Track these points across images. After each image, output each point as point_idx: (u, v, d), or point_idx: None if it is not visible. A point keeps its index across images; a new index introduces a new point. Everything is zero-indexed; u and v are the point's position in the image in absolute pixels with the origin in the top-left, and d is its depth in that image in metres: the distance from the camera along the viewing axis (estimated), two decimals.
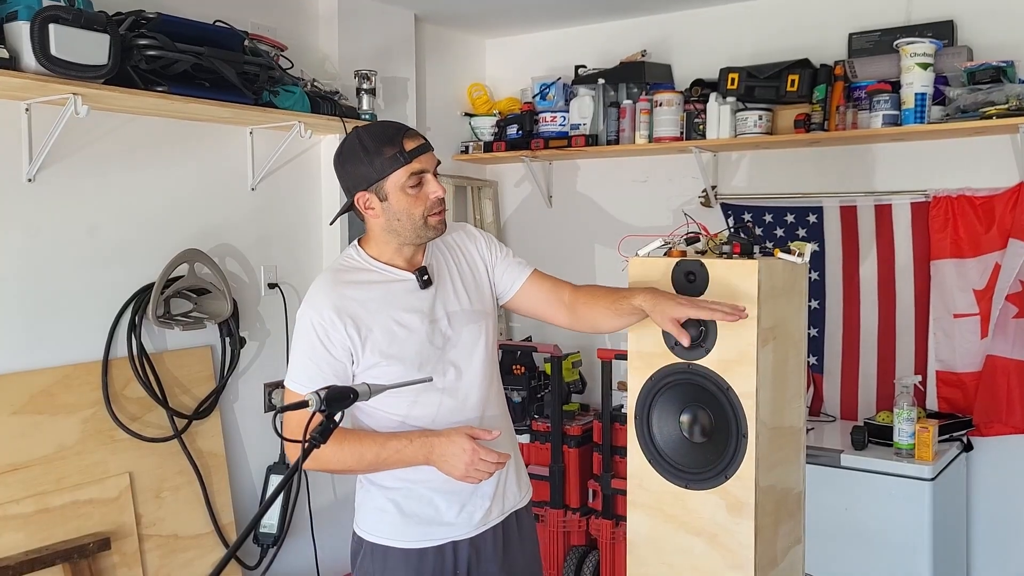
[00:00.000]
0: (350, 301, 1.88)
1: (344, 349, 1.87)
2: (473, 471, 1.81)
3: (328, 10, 3.62)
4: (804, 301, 2.04)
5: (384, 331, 1.88)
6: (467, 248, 2.08)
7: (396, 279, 1.94)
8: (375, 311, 1.89)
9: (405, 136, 1.86)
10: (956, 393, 3.33)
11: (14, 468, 2.62)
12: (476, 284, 2.05)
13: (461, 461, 1.81)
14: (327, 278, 1.94)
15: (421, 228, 1.90)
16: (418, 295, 1.94)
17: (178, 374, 3.07)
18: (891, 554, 3.00)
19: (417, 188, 1.87)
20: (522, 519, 2.10)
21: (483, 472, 1.82)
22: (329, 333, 1.86)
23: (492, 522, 2.01)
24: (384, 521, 1.97)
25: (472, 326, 1.99)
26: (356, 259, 1.97)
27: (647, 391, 1.97)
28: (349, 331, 1.86)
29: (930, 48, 3.09)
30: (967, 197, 3.26)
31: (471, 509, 1.97)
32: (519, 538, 2.08)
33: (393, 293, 1.92)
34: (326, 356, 1.86)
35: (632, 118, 3.78)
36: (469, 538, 1.98)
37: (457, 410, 1.96)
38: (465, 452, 1.80)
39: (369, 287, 1.91)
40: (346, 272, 1.94)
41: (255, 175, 3.36)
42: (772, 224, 3.71)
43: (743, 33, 3.79)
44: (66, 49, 2.38)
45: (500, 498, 2.02)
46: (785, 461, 1.98)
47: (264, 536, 3.27)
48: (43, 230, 2.75)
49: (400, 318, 1.90)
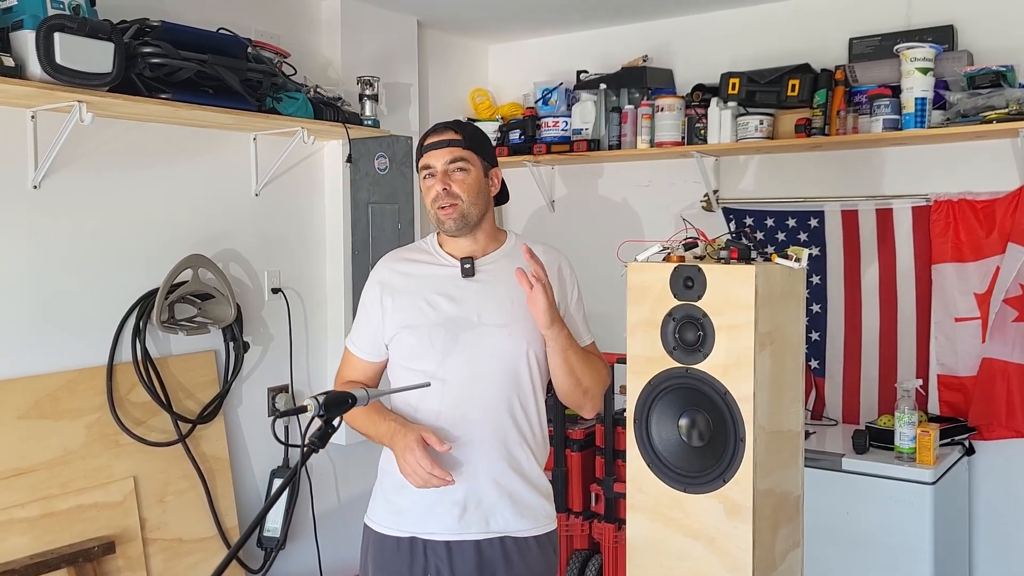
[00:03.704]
0: (396, 274, 2.08)
1: (376, 315, 2.06)
2: (410, 472, 1.89)
3: (331, 16, 3.64)
4: (802, 306, 2.05)
5: (412, 305, 2.02)
6: (553, 274, 2.04)
7: (443, 264, 2.06)
8: (414, 287, 2.04)
9: (434, 131, 2.04)
10: (957, 397, 3.33)
11: (19, 472, 2.64)
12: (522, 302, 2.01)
13: (402, 458, 1.91)
14: (392, 253, 2.16)
15: (435, 218, 2.03)
16: (457, 283, 2.02)
17: (182, 379, 3.09)
18: (892, 558, 3.00)
19: (426, 181, 2.02)
20: (527, 549, 2.01)
21: (416, 477, 1.88)
22: (373, 299, 2.08)
23: (471, 534, 1.97)
24: (374, 505, 2.10)
25: (505, 336, 1.98)
26: (424, 243, 2.14)
27: (646, 395, 1.98)
28: (384, 300, 2.05)
29: (930, 53, 3.09)
30: (968, 201, 3.26)
31: (439, 510, 1.97)
32: (515, 567, 1.99)
33: (435, 275, 2.05)
34: (367, 321, 2.09)
35: (634, 123, 3.79)
36: (443, 541, 1.98)
37: (457, 409, 1.97)
38: (407, 450, 1.88)
39: (420, 266, 2.08)
40: (408, 251, 2.15)
41: (259, 181, 3.38)
42: (774, 228, 3.72)
43: (744, 38, 3.80)
44: (71, 57, 2.40)
45: (479, 511, 1.98)
46: (783, 465, 1.99)
47: (267, 539, 3.29)
48: (48, 236, 2.78)
49: (430, 298, 2.02)
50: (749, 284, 1.83)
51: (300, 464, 1.54)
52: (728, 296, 1.85)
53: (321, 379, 3.62)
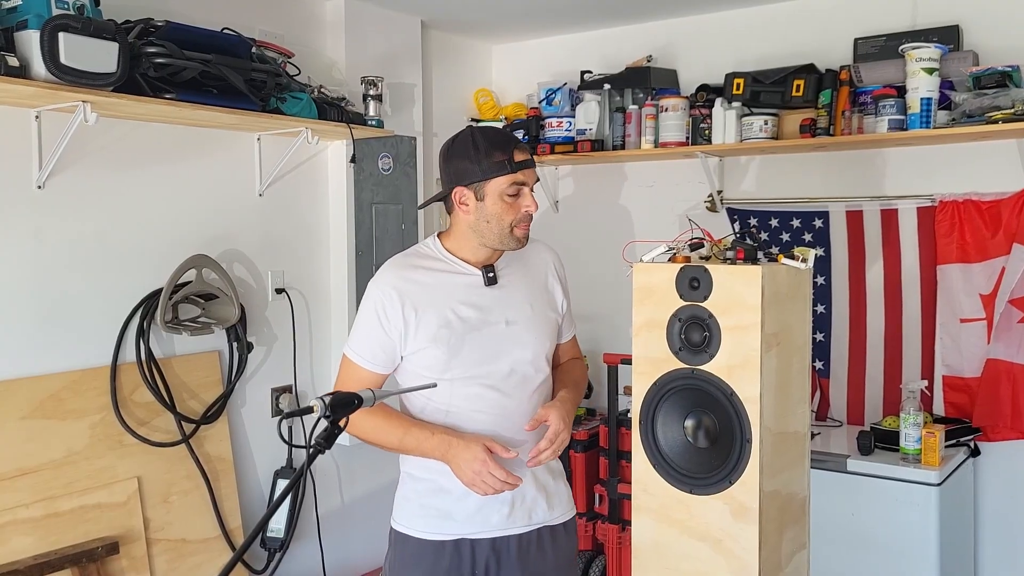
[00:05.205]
0: (412, 284, 1.98)
1: (397, 329, 1.96)
2: (479, 482, 1.88)
3: (335, 17, 3.64)
4: (808, 306, 2.05)
5: (438, 317, 1.96)
6: (547, 264, 2.16)
7: (462, 271, 2.02)
8: (434, 297, 1.98)
9: (516, 147, 1.97)
10: (963, 398, 3.32)
11: (23, 472, 2.64)
12: (548, 298, 2.13)
13: (471, 468, 1.88)
14: (397, 260, 2.05)
15: (507, 236, 1.98)
16: (480, 292, 2.01)
17: (186, 379, 3.09)
18: (897, 560, 2.99)
19: (514, 198, 1.97)
20: (558, 535, 2.11)
21: (488, 487, 1.88)
22: (387, 311, 1.96)
23: (515, 529, 2.03)
24: (407, 510, 2.05)
25: (533, 338, 2.05)
26: (430, 248, 2.06)
27: (652, 396, 1.98)
28: (406, 312, 1.95)
29: (936, 53, 3.08)
30: (973, 202, 3.25)
31: (487, 511, 2.00)
32: (548, 554, 2.08)
33: (456, 284, 2.00)
34: (380, 333, 1.98)
35: (638, 123, 3.79)
36: (489, 539, 2.01)
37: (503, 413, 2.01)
38: (476, 461, 1.87)
39: (434, 274, 2.01)
40: (417, 257, 2.05)
41: (263, 181, 3.38)
42: (778, 229, 3.71)
43: (748, 38, 3.79)
44: (75, 57, 2.40)
45: (524, 507, 2.04)
46: (790, 466, 1.98)
47: (271, 540, 3.28)
48: (52, 236, 2.78)
49: (457, 309, 1.98)
50: (755, 285, 1.82)
51: (306, 465, 1.53)
52: (734, 297, 1.84)
53: (325, 380, 3.62)
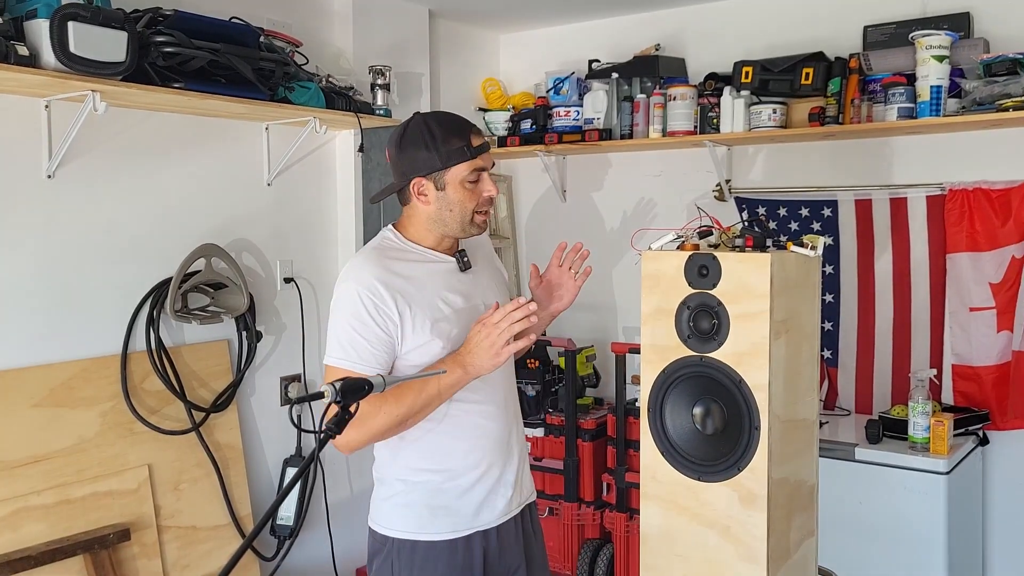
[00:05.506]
0: (396, 277, 1.89)
1: (394, 324, 1.86)
2: (501, 341, 1.81)
3: (343, 6, 3.64)
4: (817, 294, 2.04)
5: (431, 308, 1.91)
6: (488, 244, 2.21)
7: (438, 260, 1.99)
8: (421, 289, 1.92)
9: (472, 131, 1.93)
10: (972, 387, 3.32)
11: (35, 460, 2.66)
12: (500, 277, 2.19)
13: (485, 340, 1.82)
14: (370, 255, 1.94)
15: (468, 223, 1.95)
16: (459, 278, 2.01)
17: (196, 368, 3.10)
18: (906, 548, 2.99)
19: (475, 184, 1.93)
20: (534, 512, 2.18)
21: (507, 332, 1.81)
22: (379, 307, 1.85)
23: (513, 512, 2.06)
24: (411, 516, 1.97)
25: None
26: (395, 241, 1.98)
27: (660, 384, 1.98)
28: (400, 306, 1.86)
29: (946, 40, 3.07)
30: (983, 190, 3.24)
31: (494, 499, 2.01)
32: (532, 530, 2.14)
33: (437, 273, 1.97)
34: (376, 331, 1.85)
35: (646, 112, 3.78)
36: (495, 527, 2.02)
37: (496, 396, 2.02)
38: (479, 334, 1.83)
39: (413, 265, 1.94)
40: (387, 251, 1.95)
41: (271, 170, 3.39)
42: (786, 218, 3.70)
43: (757, 26, 3.78)
44: (85, 46, 2.40)
45: (519, 487, 2.07)
46: (798, 454, 1.98)
47: (280, 528, 3.30)
48: (62, 225, 2.79)
49: (445, 297, 1.95)
50: (764, 272, 1.81)
51: (317, 450, 1.54)
52: (743, 284, 1.84)
53: None
